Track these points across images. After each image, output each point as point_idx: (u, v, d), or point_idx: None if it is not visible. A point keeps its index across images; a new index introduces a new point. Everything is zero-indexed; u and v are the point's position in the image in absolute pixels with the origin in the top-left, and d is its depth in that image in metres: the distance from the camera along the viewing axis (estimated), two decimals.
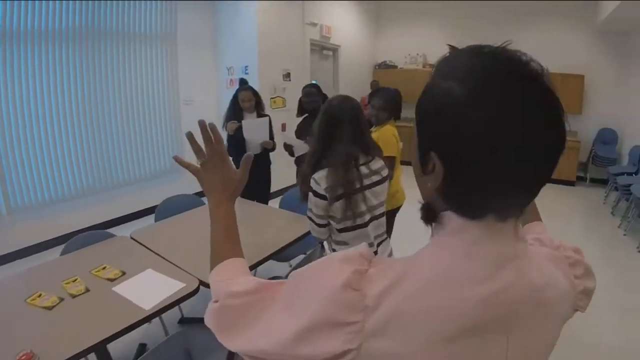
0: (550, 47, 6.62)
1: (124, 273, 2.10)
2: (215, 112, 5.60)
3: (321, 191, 1.80)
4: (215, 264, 0.78)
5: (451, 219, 0.54)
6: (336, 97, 1.98)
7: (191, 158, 0.89)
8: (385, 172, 1.99)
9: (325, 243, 2.62)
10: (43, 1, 3.90)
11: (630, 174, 5.58)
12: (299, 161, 3.63)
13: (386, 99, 3.07)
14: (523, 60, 0.48)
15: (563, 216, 5.12)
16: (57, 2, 4.02)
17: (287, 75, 6.17)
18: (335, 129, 1.85)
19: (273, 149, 3.97)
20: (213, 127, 0.82)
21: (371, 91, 3.74)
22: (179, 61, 5.49)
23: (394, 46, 9.01)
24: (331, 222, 1.90)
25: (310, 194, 1.86)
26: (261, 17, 5.57)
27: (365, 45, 8.76)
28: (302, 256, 3.19)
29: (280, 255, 2.60)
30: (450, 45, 0.58)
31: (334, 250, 2.03)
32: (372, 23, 8.91)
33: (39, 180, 4.13)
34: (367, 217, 1.90)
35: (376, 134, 2.87)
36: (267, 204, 4.02)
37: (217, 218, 0.84)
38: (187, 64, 5.61)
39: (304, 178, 1.92)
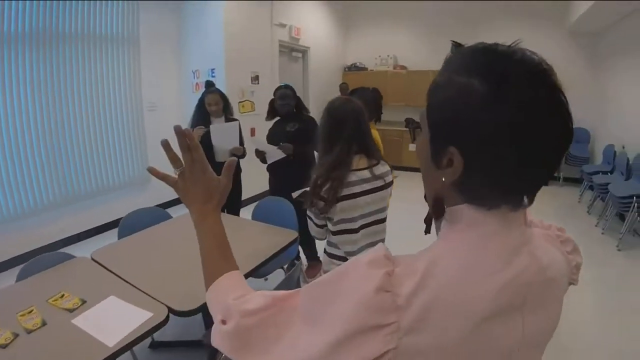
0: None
1: (84, 302, 1.90)
2: (181, 118, 5.32)
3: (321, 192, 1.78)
4: (211, 281, 0.75)
5: (464, 212, 0.56)
6: (338, 99, 1.95)
7: (159, 166, 0.81)
8: (389, 178, 1.95)
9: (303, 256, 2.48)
10: None
11: (605, 172, 5.68)
12: (272, 168, 3.46)
13: (365, 100, 2.86)
14: (536, 60, 0.52)
15: (539, 215, 4.87)
16: (11, 1, 3.72)
17: (256, 78, 5.98)
18: (339, 130, 1.82)
19: (243, 155, 3.74)
20: (188, 133, 0.77)
21: (349, 91, 3.59)
22: (142, 64, 5.22)
23: (363, 48, 8.97)
24: (328, 223, 1.87)
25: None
26: (228, 17, 5.38)
27: (335, 47, 8.69)
28: (280, 270, 3.05)
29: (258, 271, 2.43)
30: (454, 42, 0.60)
31: (326, 253, 2.00)
32: (341, 24, 8.84)
33: None
34: (359, 224, 1.86)
35: None
36: (238, 214, 3.85)
37: (204, 231, 0.80)
38: (151, 67, 5.35)
39: (315, 183, 1.82)
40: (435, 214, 0.62)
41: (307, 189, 2.54)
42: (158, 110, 5.47)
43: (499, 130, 0.49)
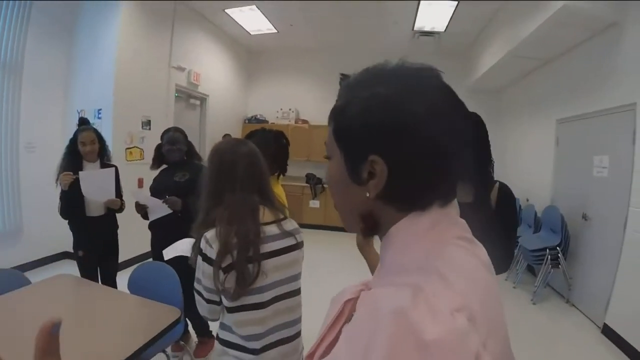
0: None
1: None
2: None
3: (213, 255, 1.37)
4: None
5: (403, 227, 0.57)
6: (228, 140, 1.63)
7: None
8: (301, 237, 1.59)
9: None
10: None
11: None
12: (154, 226, 2.91)
13: (266, 146, 2.08)
14: (421, 66, 0.58)
15: None
16: None
17: (148, 123, 5.38)
18: (229, 175, 1.48)
19: (121, 209, 3.15)
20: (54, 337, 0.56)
21: (247, 134, 2.73)
22: (22, 98, 4.43)
23: (265, 100, 8.82)
24: (223, 297, 1.42)
25: (199, 258, 1.42)
26: (122, 53, 4.81)
27: (236, 97, 8.40)
28: (161, 355, 2.46)
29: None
30: (342, 74, 0.66)
31: (219, 339, 1.52)
32: (243, 74, 8.64)
33: None
34: (269, 296, 1.46)
35: None
36: (114, 280, 3.19)
37: None
38: (32, 102, 4.57)
39: (197, 239, 1.46)
40: (367, 231, 0.63)
41: (184, 247, 2.09)
42: (37, 152, 4.64)
43: (414, 124, 0.52)
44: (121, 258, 3.35)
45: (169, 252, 2.14)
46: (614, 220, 3.73)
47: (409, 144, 0.53)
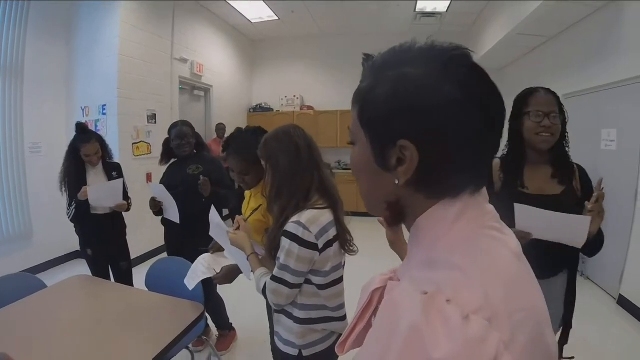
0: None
1: None
2: None
3: (312, 238, 1.40)
4: None
5: (434, 216, 0.54)
6: (284, 127, 1.67)
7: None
8: None
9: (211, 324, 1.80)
10: None
11: None
12: (167, 220, 2.86)
13: (247, 151, 1.98)
14: (450, 45, 0.54)
15: None
16: None
17: (153, 117, 5.31)
18: (310, 158, 1.56)
19: (128, 209, 3.12)
20: None
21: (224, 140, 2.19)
22: (24, 98, 4.36)
23: (269, 88, 8.73)
24: (312, 278, 1.49)
25: (289, 245, 1.41)
26: (124, 47, 4.71)
27: (240, 86, 8.30)
28: (185, 353, 2.44)
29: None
30: (365, 54, 0.61)
31: (296, 318, 1.53)
32: (246, 63, 8.54)
33: None
34: (342, 270, 1.63)
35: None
36: (131, 278, 3.17)
37: None
38: (35, 102, 4.50)
39: (277, 223, 1.49)
40: (394, 220, 0.60)
41: (203, 269, 2.06)
42: (42, 152, 4.59)
43: (446, 106, 0.49)
44: (133, 255, 3.32)
45: (190, 282, 2.09)
46: (624, 193, 3.70)
47: (442, 128, 0.50)
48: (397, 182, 0.54)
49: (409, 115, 0.51)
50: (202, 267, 2.08)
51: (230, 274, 2.01)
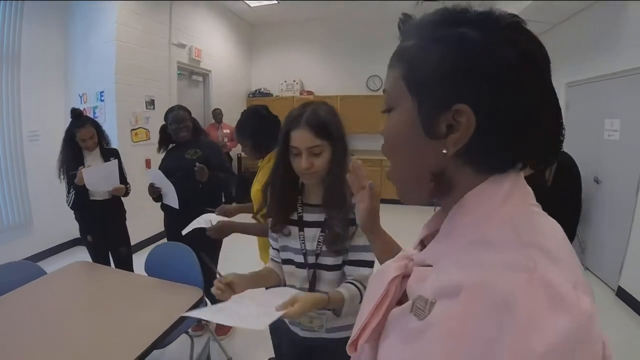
0: None
1: None
2: None
3: None
4: None
5: (485, 192, 0.51)
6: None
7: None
8: None
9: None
10: None
11: None
12: (167, 206, 2.88)
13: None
14: (508, 13, 0.51)
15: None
16: None
17: (151, 103, 5.29)
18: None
19: (127, 193, 3.13)
20: None
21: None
22: (21, 86, 4.33)
23: (268, 73, 8.69)
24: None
25: (357, 228, 1.40)
26: (121, 32, 4.67)
27: (239, 71, 8.26)
28: (185, 337, 2.48)
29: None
30: (404, 13, 0.61)
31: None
32: (245, 48, 8.47)
33: None
34: None
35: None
36: (131, 263, 3.20)
37: None
38: (32, 89, 4.47)
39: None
40: (437, 195, 0.56)
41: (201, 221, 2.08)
42: (41, 140, 4.57)
43: (509, 71, 0.47)
44: (133, 241, 3.36)
45: (185, 230, 2.14)
46: (625, 183, 3.71)
47: (502, 94, 0.46)
48: (445, 151, 0.50)
49: (468, 77, 0.48)
50: (201, 220, 2.13)
51: (225, 228, 2.04)
